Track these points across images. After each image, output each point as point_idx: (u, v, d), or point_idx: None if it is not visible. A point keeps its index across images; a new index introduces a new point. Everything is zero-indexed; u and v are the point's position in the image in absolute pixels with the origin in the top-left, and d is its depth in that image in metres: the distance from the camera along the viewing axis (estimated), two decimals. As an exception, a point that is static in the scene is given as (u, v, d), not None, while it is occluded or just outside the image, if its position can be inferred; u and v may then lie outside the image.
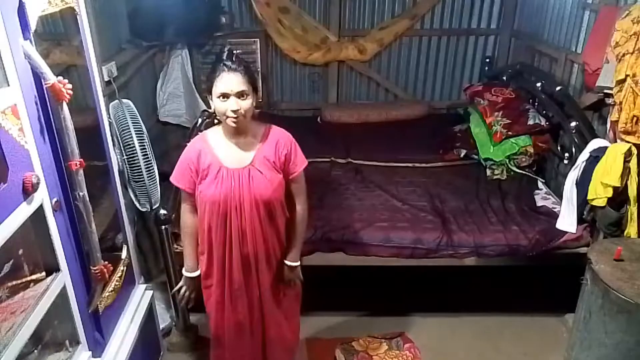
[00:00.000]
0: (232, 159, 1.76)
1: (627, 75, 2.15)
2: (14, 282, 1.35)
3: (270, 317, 1.98)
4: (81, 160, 1.49)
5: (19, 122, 1.30)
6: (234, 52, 1.71)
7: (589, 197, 2.31)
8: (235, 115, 1.66)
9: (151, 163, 2.21)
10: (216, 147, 1.77)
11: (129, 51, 3.10)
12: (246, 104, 1.67)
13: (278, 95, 4.44)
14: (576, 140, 2.71)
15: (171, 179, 1.84)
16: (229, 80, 1.64)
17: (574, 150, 2.74)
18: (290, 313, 2.07)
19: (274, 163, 1.79)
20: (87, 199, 1.53)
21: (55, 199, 1.47)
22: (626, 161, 2.16)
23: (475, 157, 3.36)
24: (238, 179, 1.74)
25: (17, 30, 1.31)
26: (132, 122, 2.15)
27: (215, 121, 1.84)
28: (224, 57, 1.67)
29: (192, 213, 1.87)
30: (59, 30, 1.67)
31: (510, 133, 3.17)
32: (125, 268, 1.94)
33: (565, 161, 2.88)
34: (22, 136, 1.31)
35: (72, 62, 1.74)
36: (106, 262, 1.68)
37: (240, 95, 1.65)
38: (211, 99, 1.71)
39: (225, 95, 1.65)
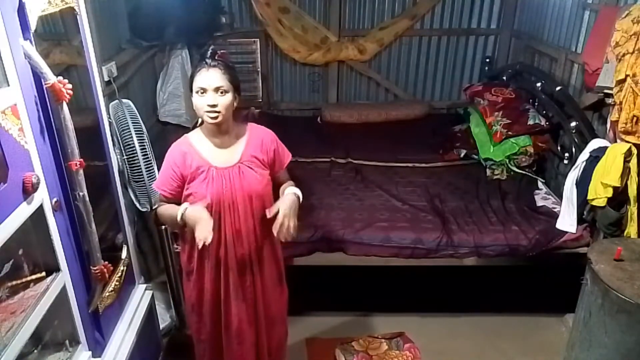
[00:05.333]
0: (220, 158, 1.75)
1: (627, 75, 2.15)
2: (14, 282, 1.35)
3: (266, 319, 1.95)
4: (81, 160, 1.49)
5: (19, 122, 1.30)
6: (218, 51, 1.73)
7: (589, 197, 2.31)
8: (211, 110, 1.65)
9: (151, 163, 2.22)
10: (201, 149, 1.75)
11: (129, 51, 3.09)
12: (224, 100, 1.66)
13: (278, 95, 4.44)
14: (576, 140, 2.71)
15: (154, 185, 1.85)
16: (208, 76, 1.65)
17: (574, 150, 2.75)
18: (282, 317, 2.05)
19: (262, 160, 1.81)
20: (87, 199, 1.53)
21: (55, 199, 1.47)
22: (626, 161, 2.16)
23: (475, 157, 3.36)
24: (229, 177, 1.73)
25: (17, 30, 1.31)
26: (132, 122, 2.16)
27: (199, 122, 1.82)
28: (207, 56, 1.69)
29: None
30: (59, 30, 1.67)
31: (510, 133, 3.17)
32: (125, 268, 1.94)
33: (565, 161, 2.88)
34: (22, 136, 1.31)
35: (72, 62, 1.73)
36: (106, 262, 1.68)
37: (217, 90, 1.65)
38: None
39: (203, 90, 1.65)
